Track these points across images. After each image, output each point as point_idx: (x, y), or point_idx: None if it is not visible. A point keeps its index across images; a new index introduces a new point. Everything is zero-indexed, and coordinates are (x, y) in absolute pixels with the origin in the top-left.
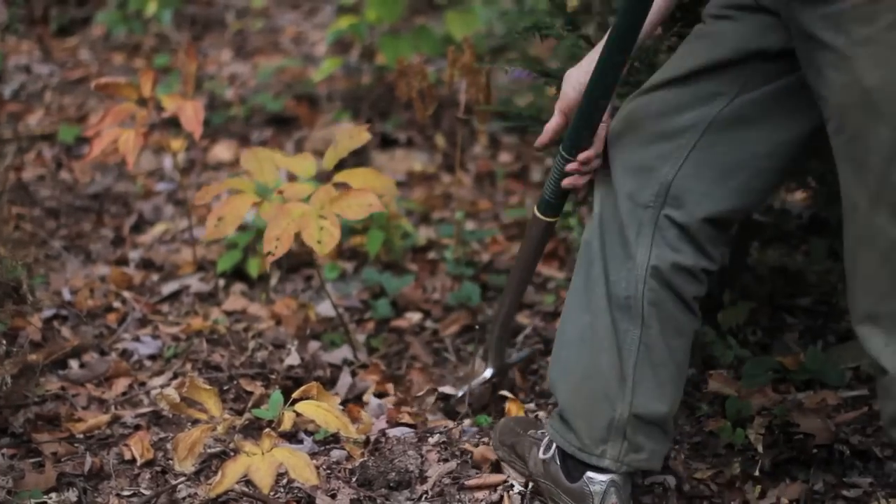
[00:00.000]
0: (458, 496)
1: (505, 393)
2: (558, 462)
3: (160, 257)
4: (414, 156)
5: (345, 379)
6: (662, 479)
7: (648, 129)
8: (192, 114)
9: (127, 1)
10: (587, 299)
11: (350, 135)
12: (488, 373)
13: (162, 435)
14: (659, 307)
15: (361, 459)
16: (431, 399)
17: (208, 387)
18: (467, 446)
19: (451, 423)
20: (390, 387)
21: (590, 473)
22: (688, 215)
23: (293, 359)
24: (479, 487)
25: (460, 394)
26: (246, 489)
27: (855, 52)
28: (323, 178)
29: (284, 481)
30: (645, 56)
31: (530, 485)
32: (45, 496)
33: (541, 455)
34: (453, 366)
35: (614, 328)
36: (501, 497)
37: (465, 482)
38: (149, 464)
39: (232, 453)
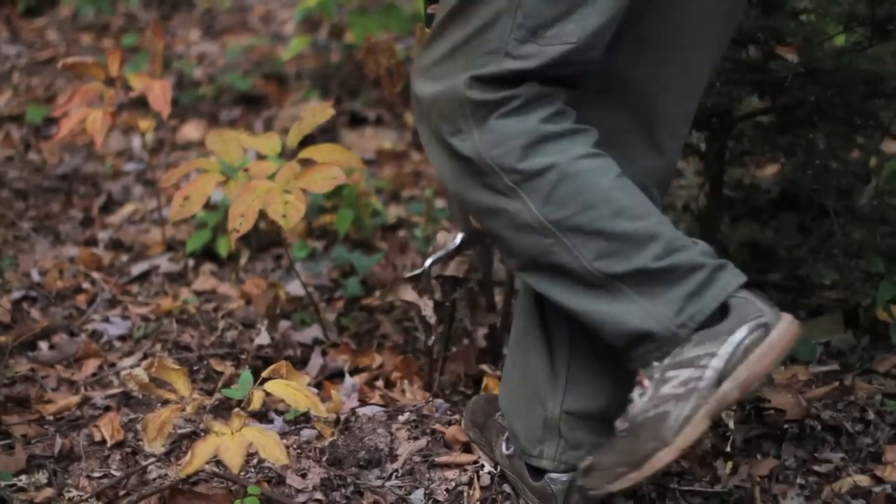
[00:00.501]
0: (428, 475)
1: (484, 367)
2: (523, 459)
3: (129, 238)
4: (383, 134)
5: (316, 359)
6: None
7: None
8: (159, 93)
9: None
10: (524, 303)
11: (314, 112)
12: (458, 239)
13: (132, 416)
14: None
15: (331, 438)
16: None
17: (177, 367)
18: (438, 426)
19: (421, 402)
20: (367, 360)
21: (551, 474)
22: None
23: (263, 338)
24: (450, 466)
25: (428, 263)
26: (217, 469)
27: None
28: (289, 155)
29: (255, 461)
30: None
31: (499, 467)
32: (16, 478)
33: (504, 450)
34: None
35: (545, 328)
36: (471, 478)
37: (436, 460)
38: (119, 445)
39: (202, 433)
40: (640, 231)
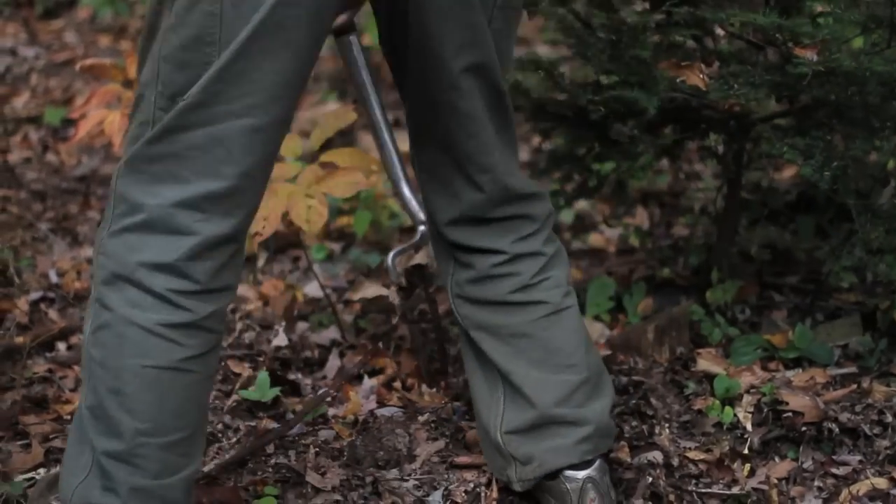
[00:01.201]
0: (446, 475)
1: None
2: None
3: None
4: (401, 136)
5: (333, 361)
6: (651, 457)
7: None
8: None
9: None
10: (461, 340)
11: (336, 115)
12: (419, 232)
13: None
14: (483, 328)
15: (350, 439)
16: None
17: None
18: (462, 424)
19: (440, 403)
20: (383, 361)
21: (566, 472)
22: (444, 231)
23: (281, 340)
24: (468, 467)
25: (391, 255)
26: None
27: None
28: (309, 158)
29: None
30: (630, 38)
31: None
32: (34, 472)
33: None
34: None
35: (478, 362)
36: (490, 479)
37: (454, 461)
38: None
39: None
40: (119, 423)
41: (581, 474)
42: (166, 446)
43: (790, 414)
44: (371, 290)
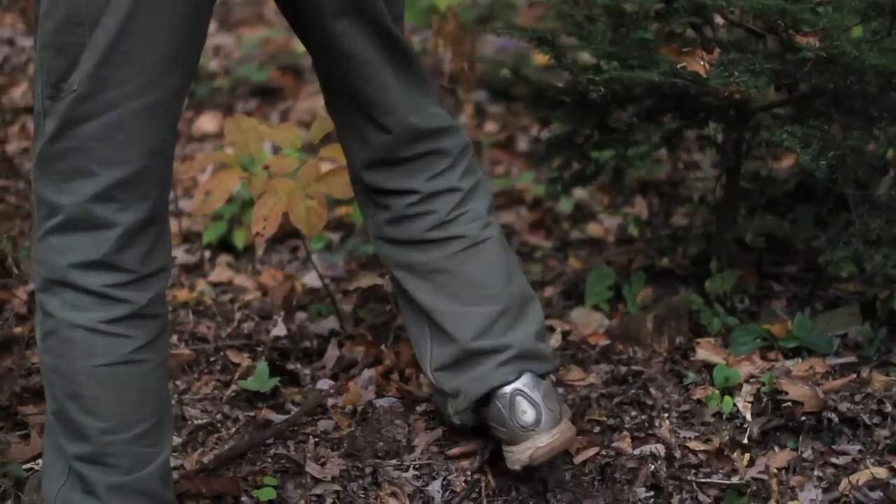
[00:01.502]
0: (445, 465)
1: None
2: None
3: None
4: None
5: (332, 351)
6: (651, 448)
7: None
8: None
9: None
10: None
11: None
12: None
13: None
14: (404, 266)
15: (349, 429)
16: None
17: None
18: None
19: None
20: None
21: (496, 392)
22: (362, 175)
23: (280, 330)
24: (467, 456)
25: None
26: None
27: None
28: (309, 150)
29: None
30: (631, 22)
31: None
32: (32, 462)
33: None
34: None
35: (405, 302)
36: (482, 465)
37: (449, 452)
38: None
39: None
40: (83, 426)
41: (508, 388)
42: (133, 440)
43: (790, 404)
44: (367, 279)
